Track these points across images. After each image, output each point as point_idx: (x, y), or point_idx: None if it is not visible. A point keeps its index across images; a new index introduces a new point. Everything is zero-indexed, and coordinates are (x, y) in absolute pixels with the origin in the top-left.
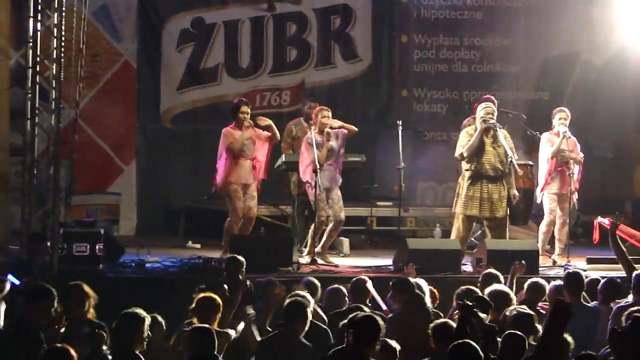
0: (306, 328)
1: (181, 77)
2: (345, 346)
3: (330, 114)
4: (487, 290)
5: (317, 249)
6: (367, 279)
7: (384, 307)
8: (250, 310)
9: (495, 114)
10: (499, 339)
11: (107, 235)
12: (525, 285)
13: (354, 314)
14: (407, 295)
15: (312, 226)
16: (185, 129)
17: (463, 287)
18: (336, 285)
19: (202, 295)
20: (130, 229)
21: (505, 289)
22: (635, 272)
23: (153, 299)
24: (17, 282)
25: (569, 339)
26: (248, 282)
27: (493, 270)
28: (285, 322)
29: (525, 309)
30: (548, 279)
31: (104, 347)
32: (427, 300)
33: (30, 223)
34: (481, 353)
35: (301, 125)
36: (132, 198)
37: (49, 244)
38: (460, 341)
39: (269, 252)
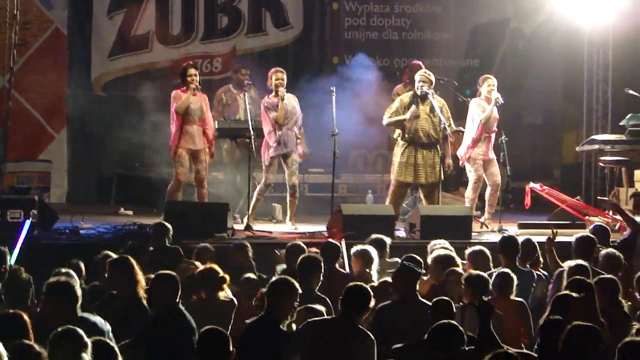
0: None
1: (112, 45)
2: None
3: (285, 76)
4: (434, 254)
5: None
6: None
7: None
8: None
9: (432, 82)
10: None
11: (40, 202)
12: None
13: None
14: None
15: (257, 189)
16: (116, 96)
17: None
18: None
19: (204, 266)
20: (61, 197)
21: (451, 253)
22: (575, 236)
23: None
24: None
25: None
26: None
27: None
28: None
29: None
30: (483, 244)
31: None
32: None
33: None
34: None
35: (230, 92)
36: (63, 165)
37: None
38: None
39: (204, 218)
